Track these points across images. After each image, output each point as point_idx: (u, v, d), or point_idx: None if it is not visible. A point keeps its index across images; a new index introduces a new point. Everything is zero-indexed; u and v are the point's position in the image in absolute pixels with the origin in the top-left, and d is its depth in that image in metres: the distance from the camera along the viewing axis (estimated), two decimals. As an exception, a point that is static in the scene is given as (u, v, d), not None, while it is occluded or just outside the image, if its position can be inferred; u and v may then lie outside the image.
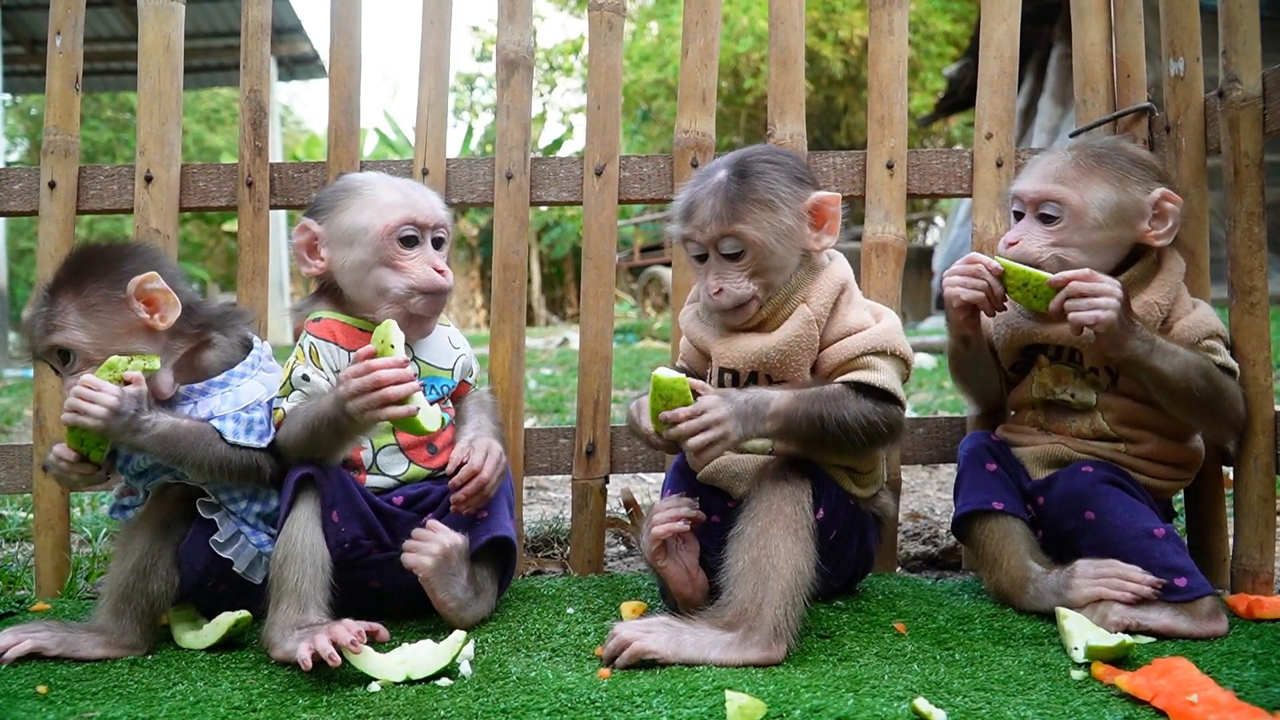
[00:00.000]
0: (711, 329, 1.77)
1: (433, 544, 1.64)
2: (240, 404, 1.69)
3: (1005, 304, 1.77)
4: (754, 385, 1.71)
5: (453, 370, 1.85)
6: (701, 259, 1.72)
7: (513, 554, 1.77)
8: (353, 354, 1.71)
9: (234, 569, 1.69)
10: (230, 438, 1.65)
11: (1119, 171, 1.77)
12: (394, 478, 1.76)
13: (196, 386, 1.70)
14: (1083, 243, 1.75)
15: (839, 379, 1.65)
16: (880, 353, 1.66)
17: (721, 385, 1.75)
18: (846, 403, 1.60)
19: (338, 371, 1.72)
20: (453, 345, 1.87)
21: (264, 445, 1.67)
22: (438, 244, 1.79)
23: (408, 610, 1.72)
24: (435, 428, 1.62)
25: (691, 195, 1.71)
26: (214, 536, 1.68)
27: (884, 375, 1.64)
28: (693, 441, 1.54)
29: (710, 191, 1.68)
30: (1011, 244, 1.77)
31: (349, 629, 1.48)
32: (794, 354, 1.67)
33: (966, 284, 1.75)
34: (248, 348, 1.79)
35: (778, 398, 1.59)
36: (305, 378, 1.71)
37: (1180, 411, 1.72)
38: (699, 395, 1.57)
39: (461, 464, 1.71)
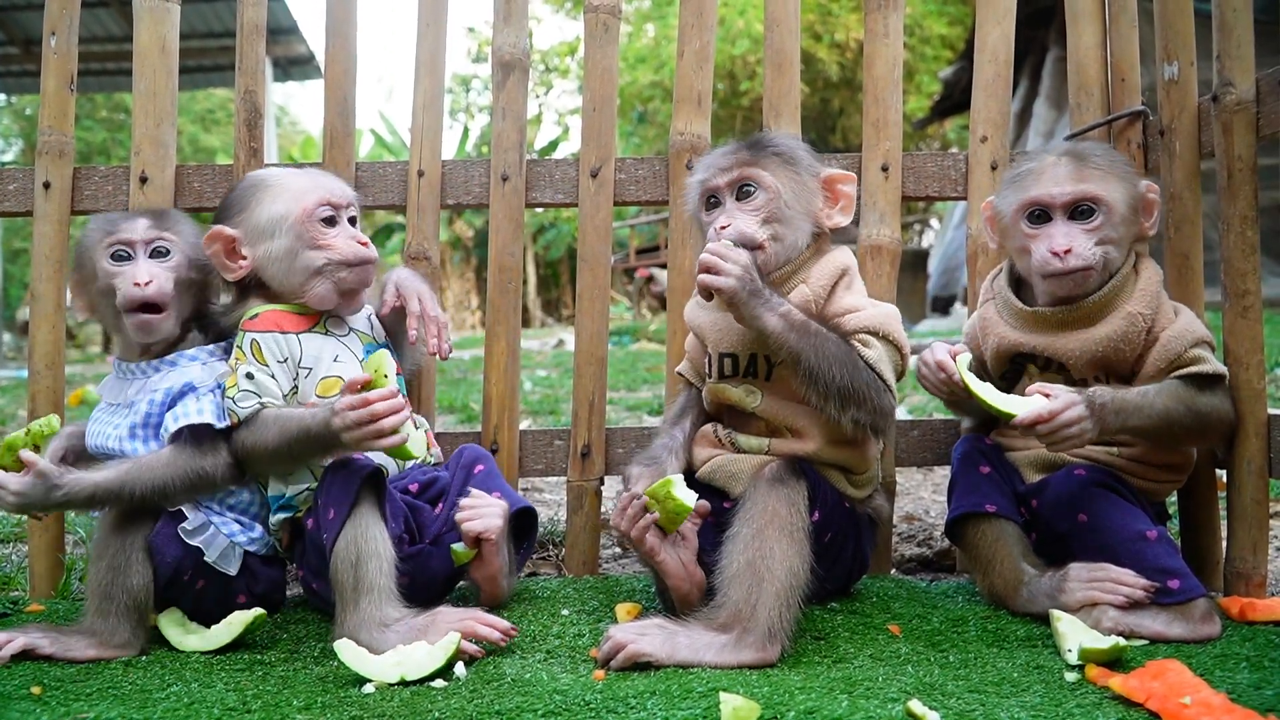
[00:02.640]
0: (709, 315, 1.79)
1: (495, 508, 1.73)
2: (177, 382, 1.73)
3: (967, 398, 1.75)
4: (754, 370, 1.75)
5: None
6: (715, 206, 1.77)
7: (528, 533, 1.90)
8: (301, 337, 1.78)
9: (205, 559, 1.69)
10: (172, 424, 1.67)
11: (1122, 168, 1.79)
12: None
13: (151, 363, 1.77)
14: (1117, 238, 1.76)
15: None
16: (873, 333, 1.69)
17: (722, 374, 1.78)
18: (845, 350, 1.63)
19: (284, 361, 1.76)
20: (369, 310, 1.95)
21: (215, 422, 1.69)
22: (352, 221, 1.84)
23: (428, 605, 1.71)
24: (422, 454, 1.69)
25: (713, 150, 1.82)
26: (182, 524, 1.68)
27: (873, 353, 1.66)
28: (705, 259, 1.62)
29: (732, 145, 1.78)
30: (1066, 252, 1.72)
31: (493, 625, 1.57)
32: None
33: (930, 376, 1.78)
34: (213, 335, 1.84)
35: (792, 308, 1.63)
36: (250, 376, 1.73)
37: (1168, 444, 1.77)
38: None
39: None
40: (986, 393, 1.66)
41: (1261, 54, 1.81)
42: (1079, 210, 1.75)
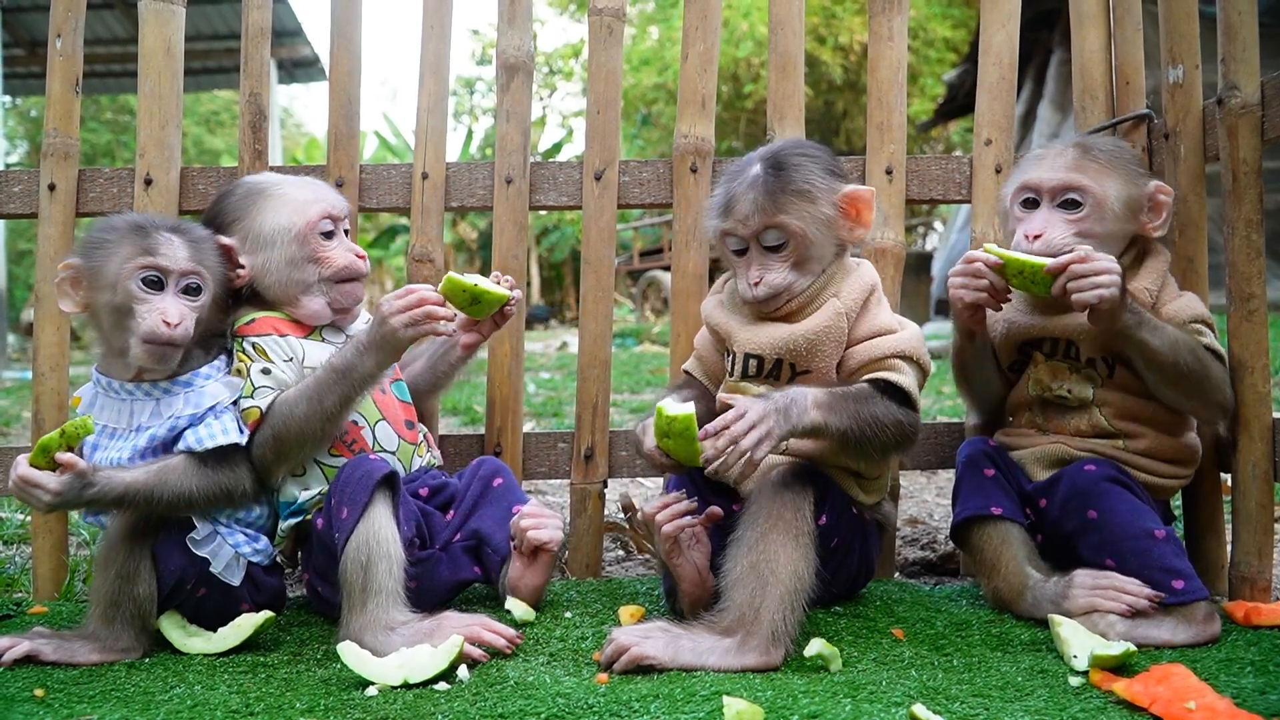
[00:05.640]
0: (736, 316, 1.79)
1: (555, 519, 1.75)
2: (202, 406, 1.68)
3: (1010, 296, 1.76)
4: (776, 373, 1.74)
5: None
6: (740, 252, 1.75)
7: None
8: (303, 342, 1.79)
9: (210, 569, 1.68)
10: (198, 446, 1.64)
11: (1126, 165, 1.80)
12: (391, 453, 1.83)
13: (161, 384, 1.69)
14: (1102, 233, 1.76)
15: (865, 377, 1.67)
16: (906, 358, 1.70)
17: (745, 373, 1.77)
18: (878, 402, 1.63)
19: (290, 360, 1.76)
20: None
21: (241, 440, 1.68)
22: (346, 232, 1.87)
23: (434, 610, 1.71)
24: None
25: (729, 191, 1.75)
26: (191, 534, 1.67)
27: (906, 379, 1.67)
28: (745, 443, 1.52)
29: (749, 185, 1.71)
30: (1036, 236, 1.74)
31: (499, 632, 1.57)
32: (822, 344, 1.69)
33: (969, 284, 1.74)
34: (222, 350, 1.80)
35: (814, 392, 1.60)
36: (266, 371, 1.74)
37: (1169, 388, 1.73)
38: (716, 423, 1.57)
39: None
40: (1024, 257, 1.68)
41: (1266, 57, 1.81)
42: (1066, 200, 1.76)
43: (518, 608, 1.73)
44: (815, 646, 1.47)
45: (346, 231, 1.88)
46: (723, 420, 1.54)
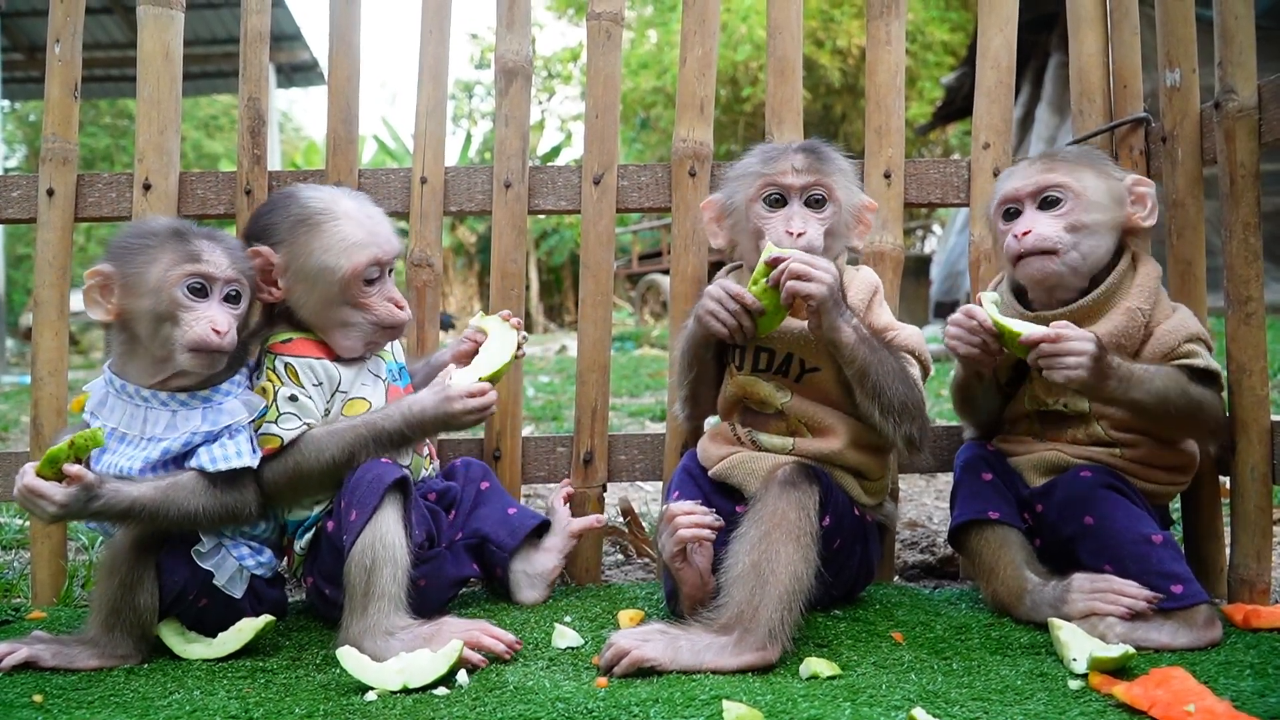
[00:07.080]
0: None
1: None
2: (219, 424, 1.66)
3: (1001, 357, 1.75)
4: (786, 369, 1.78)
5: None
6: (777, 205, 1.79)
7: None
8: (338, 365, 1.77)
9: (214, 582, 1.67)
10: (211, 467, 1.63)
11: (1097, 161, 1.82)
12: (406, 465, 1.82)
13: (179, 396, 1.68)
14: (1090, 222, 1.75)
15: None
16: (910, 352, 1.75)
17: (756, 366, 1.81)
18: (901, 363, 1.69)
19: (320, 384, 1.74)
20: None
21: (254, 463, 1.66)
22: (390, 272, 1.83)
23: (440, 609, 1.72)
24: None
25: (774, 147, 1.83)
26: (196, 546, 1.67)
27: (915, 371, 1.72)
28: (796, 267, 1.60)
29: (798, 146, 1.80)
30: (1025, 233, 1.74)
31: (499, 637, 1.58)
32: None
33: (963, 339, 1.73)
34: (243, 364, 1.78)
35: (859, 320, 1.67)
36: (293, 398, 1.71)
37: (1159, 428, 1.75)
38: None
39: None
40: (1008, 323, 1.68)
41: (1263, 60, 1.81)
42: (1046, 200, 1.77)
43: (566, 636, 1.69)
44: (809, 668, 1.48)
45: (392, 270, 1.82)
46: (790, 255, 1.62)
